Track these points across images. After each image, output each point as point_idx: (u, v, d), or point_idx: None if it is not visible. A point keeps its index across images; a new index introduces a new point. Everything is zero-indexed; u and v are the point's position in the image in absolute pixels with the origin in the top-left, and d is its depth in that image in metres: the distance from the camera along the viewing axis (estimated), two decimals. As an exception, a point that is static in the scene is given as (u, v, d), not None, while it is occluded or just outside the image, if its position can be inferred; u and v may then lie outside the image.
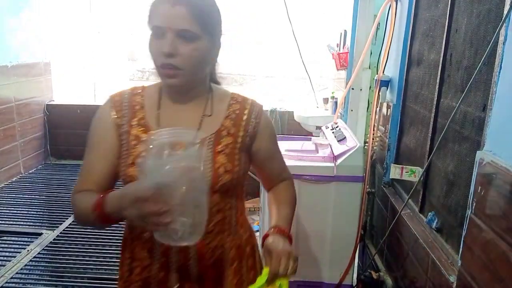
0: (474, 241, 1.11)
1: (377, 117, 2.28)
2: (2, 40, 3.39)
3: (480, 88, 1.25)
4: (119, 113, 1.03)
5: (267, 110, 3.84)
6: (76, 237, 2.55)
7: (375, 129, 2.29)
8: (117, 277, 1.10)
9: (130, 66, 8.31)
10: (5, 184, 3.39)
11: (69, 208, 2.95)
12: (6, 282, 2.07)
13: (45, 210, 2.98)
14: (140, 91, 1.08)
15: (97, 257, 2.32)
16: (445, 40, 1.55)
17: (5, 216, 2.83)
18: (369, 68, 2.68)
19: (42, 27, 3.93)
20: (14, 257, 2.29)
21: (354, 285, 2.12)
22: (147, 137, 0.97)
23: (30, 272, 2.20)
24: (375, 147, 2.32)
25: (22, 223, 2.75)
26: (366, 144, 2.20)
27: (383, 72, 2.18)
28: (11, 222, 2.75)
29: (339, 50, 3.49)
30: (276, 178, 1.18)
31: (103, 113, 1.06)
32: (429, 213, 1.59)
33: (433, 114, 1.63)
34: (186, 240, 0.84)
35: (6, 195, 3.18)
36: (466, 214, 1.15)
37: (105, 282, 2.21)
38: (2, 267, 2.19)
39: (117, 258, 2.31)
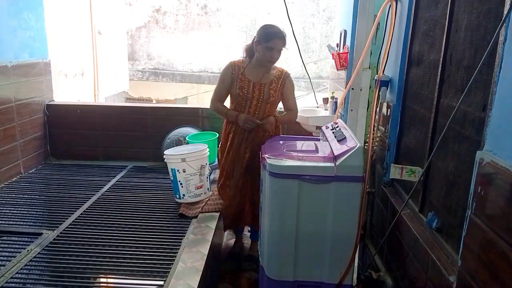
0: (474, 241, 1.11)
1: (377, 117, 2.28)
2: (2, 40, 3.39)
3: (480, 88, 1.25)
4: (233, 70, 2.66)
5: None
6: (76, 237, 2.55)
7: (375, 129, 2.29)
8: (116, 278, 1.14)
9: (130, 66, 8.31)
10: (5, 184, 3.39)
11: (69, 208, 2.96)
12: (6, 282, 2.06)
13: (45, 210, 2.97)
14: (240, 62, 2.69)
15: (97, 257, 2.32)
16: (445, 40, 1.55)
17: (5, 216, 2.82)
18: (369, 68, 2.67)
19: (42, 27, 3.93)
20: (14, 257, 2.29)
21: (354, 285, 2.12)
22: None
23: (30, 272, 2.20)
24: (375, 147, 2.32)
25: (22, 223, 2.74)
26: (366, 144, 2.20)
27: (383, 72, 2.18)
28: (11, 222, 2.74)
29: (339, 50, 3.49)
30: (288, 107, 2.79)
31: (227, 69, 2.69)
32: (429, 213, 1.60)
33: (433, 114, 1.63)
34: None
35: (6, 195, 3.18)
36: (466, 214, 1.15)
37: (105, 282, 2.21)
38: (2, 267, 2.18)
39: (117, 258, 2.32)
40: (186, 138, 3.53)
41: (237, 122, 2.67)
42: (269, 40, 2.51)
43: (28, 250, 2.36)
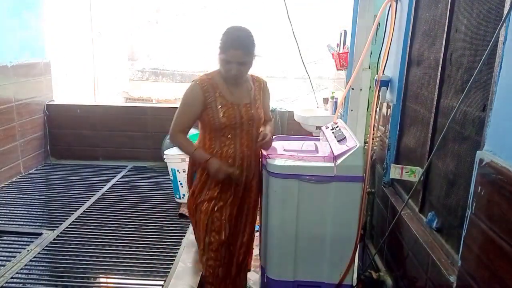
0: (474, 241, 1.11)
1: (377, 117, 2.28)
2: (2, 40, 3.39)
3: (480, 88, 1.25)
4: (206, 91, 1.91)
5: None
6: (76, 237, 2.55)
7: (375, 129, 2.29)
8: (116, 278, 1.14)
9: (130, 66, 8.31)
10: (5, 184, 3.40)
11: (69, 208, 2.96)
12: (6, 282, 2.07)
13: (45, 210, 2.98)
14: (209, 79, 1.93)
15: (97, 257, 2.32)
16: (445, 40, 1.55)
17: (5, 216, 2.83)
18: (369, 68, 2.67)
19: (42, 27, 3.93)
20: (14, 257, 2.29)
21: (354, 285, 2.12)
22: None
23: (30, 272, 2.20)
24: (375, 147, 2.32)
25: (22, 223, 2.75)
26: (366, 144, 2.20)
27: (383, 72, 2.18)
28: (11, 222, 2.75)
29: (339, 50, 3.49)
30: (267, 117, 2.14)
31: (195, 90, 1.92)
32: (429, 213, 1.59)
33: (433, 114, 1.63)
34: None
35: (6, 195, 3.19)
36: (466, 214, 1.15)
37: (105, 282, 2.21)
38: (2, 267, 2.19)
39: (117, 258, 2.32)
40: (186, 138, 3.53)
41: (207, 167, 1.93)
42: (224, 51, 1.84)
43: (28, 250, 2.36)
